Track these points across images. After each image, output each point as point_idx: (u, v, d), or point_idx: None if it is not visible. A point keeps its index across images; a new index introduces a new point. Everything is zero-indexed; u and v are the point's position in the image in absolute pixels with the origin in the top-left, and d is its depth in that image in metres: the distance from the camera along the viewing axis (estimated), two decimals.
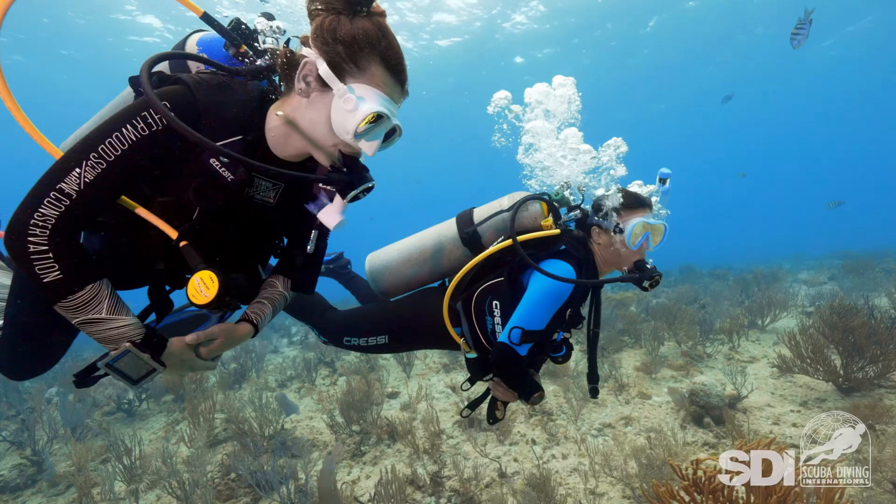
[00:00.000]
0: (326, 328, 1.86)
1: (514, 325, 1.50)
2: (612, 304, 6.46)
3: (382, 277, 1.83)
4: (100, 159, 0.86)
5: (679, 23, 16.40)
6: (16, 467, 3.93)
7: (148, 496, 3.40)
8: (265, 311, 1.21)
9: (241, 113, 1.00)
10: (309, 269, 1.31)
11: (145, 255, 1.05)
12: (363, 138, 0.95)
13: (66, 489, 3.64)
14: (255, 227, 1.15)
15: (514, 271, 1.62)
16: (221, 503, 3.14)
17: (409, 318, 1.77)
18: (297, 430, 4.14)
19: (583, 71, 18.73)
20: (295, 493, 2.97)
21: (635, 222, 1.58)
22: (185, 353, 1.01)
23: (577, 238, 1.67)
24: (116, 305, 0.92)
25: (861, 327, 3.51)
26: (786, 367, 3.83)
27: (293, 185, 1.14)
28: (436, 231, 1.80)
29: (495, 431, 3.71)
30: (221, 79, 1.02)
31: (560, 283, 1.47)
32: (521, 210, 1.68)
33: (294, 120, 0.98)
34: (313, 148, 1.00)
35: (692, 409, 3.49)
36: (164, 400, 5.37)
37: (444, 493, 3.08)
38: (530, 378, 1.62)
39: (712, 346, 5.07)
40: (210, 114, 0.96)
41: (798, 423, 3.35)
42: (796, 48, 4.90)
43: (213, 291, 0.92)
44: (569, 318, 1.66)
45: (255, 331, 1.18)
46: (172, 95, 0.92)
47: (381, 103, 0.93)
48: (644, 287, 1.59)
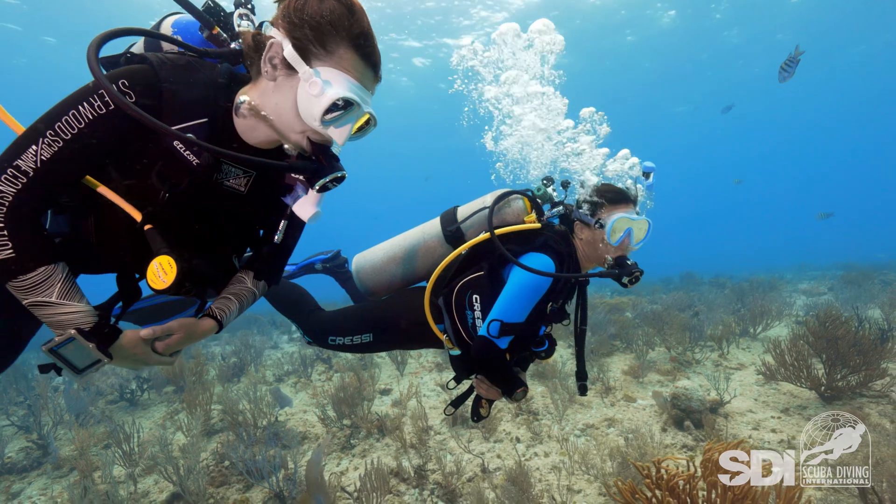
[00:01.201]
0: (311, 328, 1.86)
1: (493, 317, 1.50)
2: (607, 309, 6.52)
3: (368, 277, 1.86)
4: (56, 137, 0.83)
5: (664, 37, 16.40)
6: (22, 450, 4.11)
7: (146, 480, 3.54)
8: (231, 308, 1.17)
9: (207, 95, 0.96)
10: (274, 259, 1.26)
11: (112, 239, 1.01)
12: (332, 125, 0.91)
13: (69, 472, 3.80)
14: (226, 215, 1.11)
15: (494, 265, 1.62)
16: (214, 488, 3.28)
17: (393, 316, 1.77)
18: (291, 422, 4.27)
19: (587, 74, 18.77)
20: (284, 482, 3.09)
21: (616, 217, 1.57)
22: (138, 347, 0.98)
23: (558, 232, 1.66)
24: (69, 291, 0.90)
25: (844, 337, 3.55)
26: (770, 374, 3.89)
27: (265, 173, 1.10)
28: (420, 230, 1.82)
29: (481, 429, 3.81)
30: (189, 59, 0.98)
31: (538, 275, 1.47)
32: (503, 207, 1.69)
33: (260, 105, 0.94)
34: (281, 134, 0.96)
35: (674, 413, 3.56)
36: (165, 391, 5.55)
37: (428, 486, 3.19)
38: (512, 374, 1.62)
39: (702, 352, 5.12)
40: (173, 94, 0.92)
41: (777, 428, 3.40)
42: (781, 83, 5.06)
43: (170, 277, 0.90)
44: (550, 313, 1.66)
45: (219, 327, 1.14)
46: (132, 74, 0.89)
47: (349, 88, 0.89)
48: (623, 283, 1.56)
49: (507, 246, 1.57)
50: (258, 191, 1.11)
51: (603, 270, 1.60)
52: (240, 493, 3.20)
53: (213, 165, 0.99)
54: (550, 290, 1.56)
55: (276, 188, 1.13)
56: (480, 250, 1.66)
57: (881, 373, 3.51)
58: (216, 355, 6.94)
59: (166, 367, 5.48)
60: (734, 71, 20.02)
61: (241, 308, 1.21)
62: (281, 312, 1.98)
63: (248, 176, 1.08)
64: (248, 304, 1.25)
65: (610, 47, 17.33)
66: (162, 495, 3.28)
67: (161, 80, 0.91)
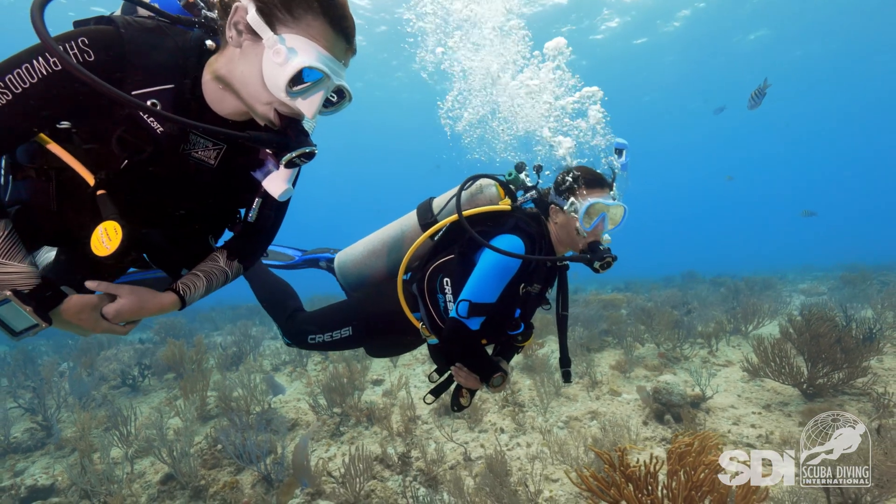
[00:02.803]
0: (291, 328, 1.86)
1: (462, 298, 1.51)
2: (601, 305, 6.57)
3: (350, 272, 1.87)
4: (6, 90, 0.80)
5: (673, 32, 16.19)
6: (27, 431, 4.29)
7: (143, 462, 3.69)
8: (197, 285, 1.12)
9: (174, 60, 0.92)
10: (247, 239, 1.20)
11: (73, 206, 0.97)
12: (300, 97, 0.87)
13: (70, 452, 3.97)
14: (196, 189, 1.05)
15: (464, 248, 1.63)
16: (207, 470, 3.41)
17: (369, 307, 1.78)
18: (284, 409, 4.39)
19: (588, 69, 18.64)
20: (272, 465, 3.21)
21: (590, 202, 1.54)
22: (84, 313, 0.94)
23: (529, 214, 1.66)
24: (10, 250, 0.87)
25: (825, 335, 3.58)
26: (753, 371, 3.92)
27: (238, 146, 1.04)
28: (398, 223, 1.85)
29: (467, 419, 3.90)
30: (159, 24, 0.94)
31: (507, 256, 1.46)
32: (476, 194, 1.71)
33: (227, 74, 0.90)
34: (248, 105, 0.92)
35: (655, 407, 3.62)
36: (166, 377, 5.71)
37: (411, 472, 3.29)
38: (488, 358, 1.62)
39: (692, 349, 5.15)
40: (137, 57, 0.88)
41: (757, 424, 3.45)
42: (750, 109, 5.47)
43: (114, 243, 0.86)
44: (524, 295, 1.64)
45: (182, 303, 1.09)
46: (93, 33, 0.85)
47: (316, 58, 0.84)
48: (595, 268, 1.54)
49: (478, 228, 1.57)
50: (229, 165, 1.05)
51: (574, 255, 1.60)
52: (231, 476, 3.33)
53: (178, 135, 0.94)
54: (521, 272, 1.56)
55: (248, 162, 1.06)
56: (451, 235, 1.68)
57: (862, 371, 3.53)
58: (217, 345, 7.10)
59: (168, 355, 5.64)
60: (745, 70, 19.74)
61: (209, 287, 1.16)
62: (264, 308, 1.97)
63: (219, 148, 1.02)
64: (218, 284, 1.20)
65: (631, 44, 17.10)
66: (157, 476, 3.42)
67: (124, 41, 0.87)
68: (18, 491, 3.31)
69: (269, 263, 2.23)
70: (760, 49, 18.34)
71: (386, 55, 17.41)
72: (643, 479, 1.90)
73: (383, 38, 15.65)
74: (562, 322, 1.79)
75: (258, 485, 3.20)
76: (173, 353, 5.49)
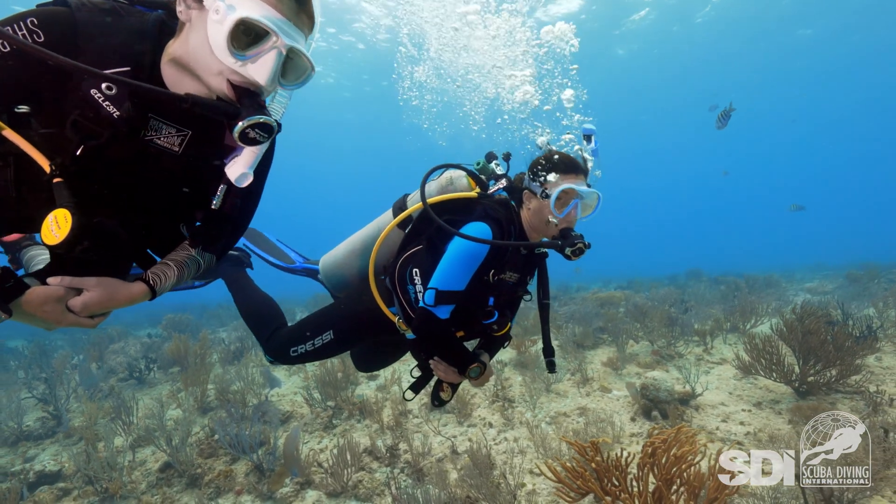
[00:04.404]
0: (272, 345, 1.85)
1: (429, 286, 1.50)
2: (599, 303, 6.56)
3: (333, 274, 1.88)
4: None
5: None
6: (39, 419, 4.49)
7: (144, 451, 3.85)
8: (168, 274, 1.09)
9: (130, 42, 0.90)
10: (211, 225, 1.14)
11: (33, 194, 0.94)
12: (249, 61, 0.83)
13: (77, 441, 4.15)
14: (162, 177, 1.02)
15: (432, 238, 1.62)
16: (203, 459, 3.54)
17: (347, 308, 1.79)
18: (280, 402, 4.52)
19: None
20: (264, 455, 3.32)
21: (561, 188, 1.51)
22: (48, 306, 0.90)
23: (497, 201, 1.65)
24: None
25: (815, 332, 3.55)
26: (744, 367, 3.90)
27: (203, 132, 1.01)
28: (376, 222, 1.88)
29: (456, 414, 3.96)
30: (115, 5, 0.92)
31: (474, 243, 1.45)
32: (447, 186, 1.71)
33: (183, 53, 0.88)
34: (202, 82, 0.88)
35: (643, 403, 3.63)
36: (171, 371, 5.90)
37: (399, 465, 3.37)
38: (462, 348, 1.60)
39: (687, 346, 5.13)
40: (91, 38, 0.86)
41: (746, 421, 3.44)
42: (718, 129, 5.89)
43: (63, 232, 0.82)
44: (497, 282, 1.62)
45: (153, 294, 1.06)
46: (43, 14, 0.84)
47: (256, 11, 0.81)
48: (566, 255, 1.50)
49: (446, 217, 1.56)
50: (195, 151, 1.02)
51: (545, 241, 1.57)
52: (226, 465, 3.46)
53: (136, 118, 0.91)
54: (492, 259, 1.54)
55: (215, 150, 1.03)
56: (420, 226, 1.68)
57: (855, 368, 3.49)
58: (221, 340, 7.29)
59: (173, 349, 5.83)
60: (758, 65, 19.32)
61: (180, 276, 1.13)
62: (247, 325, 1.97)
63: (183, 135, 0.99)
64: (190, 274, 1.17)
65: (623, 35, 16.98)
66: (157, 464, 3.57)
67: (77, 22, 0.85)
68: (27, 476, 3.49)
69: (269, 260, 2.25)
70: (767, 39, 17.91)
71: None
72: (611, 471, 1.94)
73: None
74: (544, 310, 1.78)
75: (251, 474, 3.32)
76: (178, 348, 5.67)
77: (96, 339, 6.90)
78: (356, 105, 22.32)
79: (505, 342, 1.91)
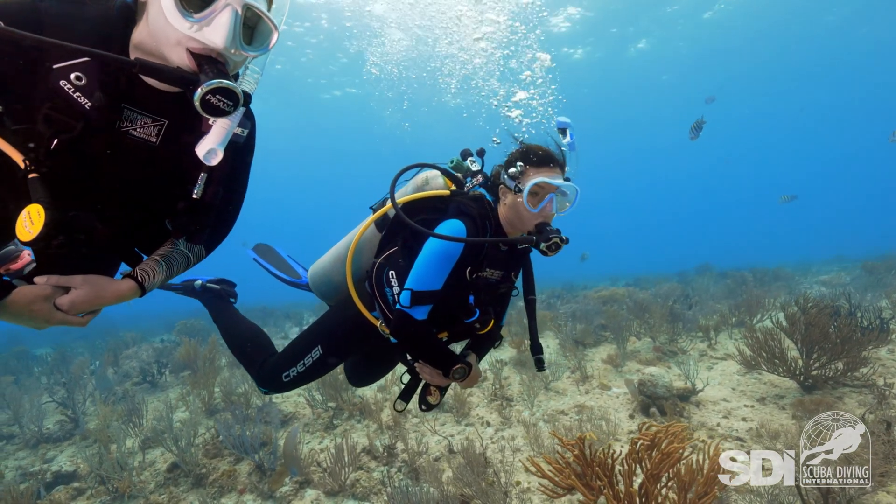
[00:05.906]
0: (263, 375, 1.83)
1: (405, 287, 1.48)
2: (601, 301, 6.50)
3: (321, 282, 1.87)
4: None
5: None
6: (58, 422, 4.70)
7: (154, 451, 3.99)
8: (156, 270, 1.07)
9: (97, 31, 0.88)
10: (192, 216, 1.10)
11: (10, 192, 0.92)
12: (203, 24, 0.82)
13: (93, 443, 4.32)
14: (141, 169, 1.00)
15: (407, 239, 1.60)
16: (208, 459, 3.65)
17: (333, 318, 1.78)
18: (283, 404, 4.62)
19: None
20: (265, 455, 3.41)
21: (535, 181, 1.47)
22: (37, 305, 0.90)
23: (471, 197, 1.62)
24: None
25: (818, 324, 3.46)
26: (746, 362, 3.83)
27: (181, 122, 0.99)
28: (358, 227, 1.87)
29: (454, 413, 3.99)
30: None
31: (447, 241, 1.42)
32: (423, 186, 1.70)
33: (147, 35, 0.87)
34: (164, 58, 0.86)
35: (641, 399, 3.60)
36: (182, 374, 6.09)
37: (396, 464, 3.42)
38: (443, 349, 1.57)
39: (691, 342, 5.05)
40: (57, 28, 0.84)
41: (748, 417, 3.38)
42: (691, 140, 6.17)
43: (37, 227, 0.81)
44: (476, 279, 1.58)
45: (142, 291, 1.04)
46: (6, 4, 0.83)
47: None
48: (542, 250, 1.46)
49: (420, 216, 1.54)
50: (173, 141, 1.00)
51: (520, 237, 1.53)
52: (229, 465, 3.56)
53: (109, 109, 0.90)
54: (468, 256, 1.51)
55: (194, 138, 0.99)
56: (395, 228, 1.67)
57: (862, 361, 3.39)
58: None
59: (184, 353, 6.02)
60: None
61: (169, 272, 1.11)
62: (236, 358, 1.98)
63: (159, 125, 0.97)
64: (179, 269, 1.15)
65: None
66: (165, 465, 3.70)
67: (41, 11, 0.84)
68: (45, 476, 3.66)
69: (276, 274, 2.29)
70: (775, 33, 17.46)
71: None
72: (594, 467, 1.94)
73: None
74: (529, 306, 1.75)
75: (253, 473, 3.41)
76: (188, 352, 5.84)
77: (113, 344, 7.16)
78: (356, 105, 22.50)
79: (495, 342, 1.88)
